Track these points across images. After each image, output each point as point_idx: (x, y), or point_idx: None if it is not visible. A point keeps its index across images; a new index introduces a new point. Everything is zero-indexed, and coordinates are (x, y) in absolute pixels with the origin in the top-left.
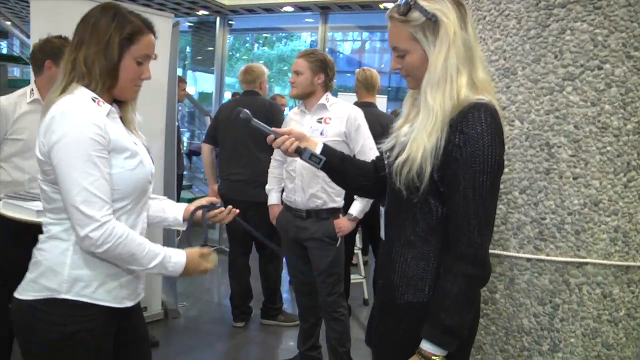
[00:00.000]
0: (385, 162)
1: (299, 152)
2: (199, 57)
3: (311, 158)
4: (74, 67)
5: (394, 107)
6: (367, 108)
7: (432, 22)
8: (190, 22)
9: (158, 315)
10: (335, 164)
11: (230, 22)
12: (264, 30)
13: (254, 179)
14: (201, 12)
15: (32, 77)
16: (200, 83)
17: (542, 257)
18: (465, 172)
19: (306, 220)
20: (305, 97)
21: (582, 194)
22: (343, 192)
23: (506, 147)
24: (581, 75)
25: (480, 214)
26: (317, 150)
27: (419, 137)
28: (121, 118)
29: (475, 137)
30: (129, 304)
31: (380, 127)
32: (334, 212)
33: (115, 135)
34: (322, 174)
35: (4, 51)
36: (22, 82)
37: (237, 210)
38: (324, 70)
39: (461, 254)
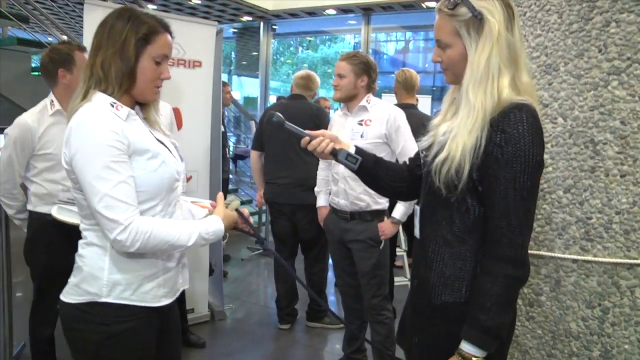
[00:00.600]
0: (422, 160)
1: (334, 154)
2: (244, 62)
3: (347, 159)
4: (92, 73)
5: (438, 107)
6: (407, 109)
7: (478, 20)
8: (234, 28)
9: (205, 317)
10: (369, 166)
11: (273, 26)
12: (308, 33)
13: (301, 182)
14: (245, 18)
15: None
16: (245, 88)
17: (589, 258)
18: (506, 171)
19: (350, 222)
20: (349, 100)
21: (630, 192)
22: None
23: (549, 145)
24: (628, 69)
25: (520, 214)
26: (351, 148)
27: (459, 134)
28: (145, 119)
29: (517, 137)
30: (166, 302)
31: (423, 128)
32: (378, 214)
33: (135, 137)
34: None
35: None
36: None
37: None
38: (367, 73)
39: (502, 255)
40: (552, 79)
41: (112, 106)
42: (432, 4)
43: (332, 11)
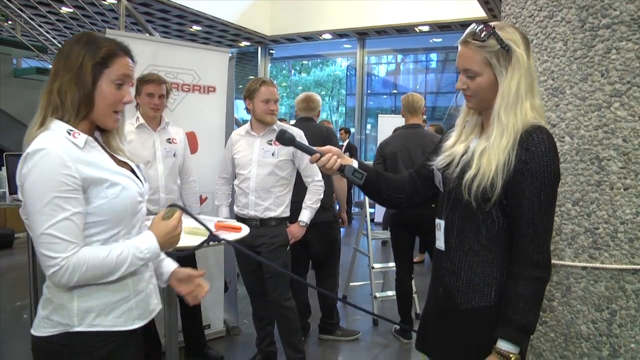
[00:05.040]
0: (442, 179)
1: (341, 170)
2: (240, 86)
3: (354, 174)
4: (49, 101)
5: (429, 125)
6: (413, 129)
7: (505, 51)
8: (232, 53)
9: (220, 332)
10: (372, 179)
11: (271, 51)
12: (304, 57)
13: None
14: (243, 44)
15: None
16: (240, 110)
17: (597, 265)
18: (532, 185)
19: (260, 229)
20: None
21: (633, 203)
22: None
23: None
24: (628, 92)
25: (545, 222)
26: (354, 165)
27: (492, 153)
28: (106, 145)
29: (540, 155)
30: (140, 324)
31: (432, 144)
32: (283, 220)
33: (90, 169)
34: (275, 190)
35: None
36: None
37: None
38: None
39: (530, 260)
40: (559, 101)
41: (69, 134)
42: (425, 28)
43: (328, 36)
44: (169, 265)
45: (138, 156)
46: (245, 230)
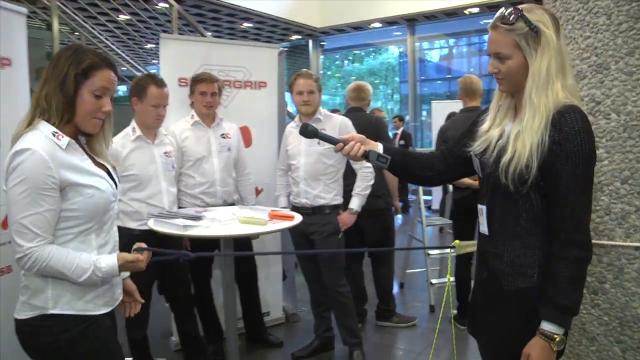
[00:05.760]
0: (480, 164)
1: (366, 156)
2: None
3: (378, 159)
4: (37, 104)
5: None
6: (473, 112)
7: (534, 33)
8: (284, 46)
9: (280, 319)
10: (399, 161)
11: (322, 43)
12: (354, 47)
13: None
14: (294, 37)
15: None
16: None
17: None
18: (567, 165)
19: (312, 217)
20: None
21: None
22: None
23: (604, 140)
24: None
25: (582, 201)
26: (379, 148)
27: (525, 134)
28: (88, 147)
29: (573, 134)
30: (105, 310)
31: None
32: (335, 208)
33: (68, 171)
34: (324, 177)
35: None
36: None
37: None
38: (321, 89)
39: (570, 240)
40: (603, 77)
41: (54, 135)
42: (475, 10)
43: (377, 24)
44: (123, 274)
45: (193, 152)
46: (297, 218)
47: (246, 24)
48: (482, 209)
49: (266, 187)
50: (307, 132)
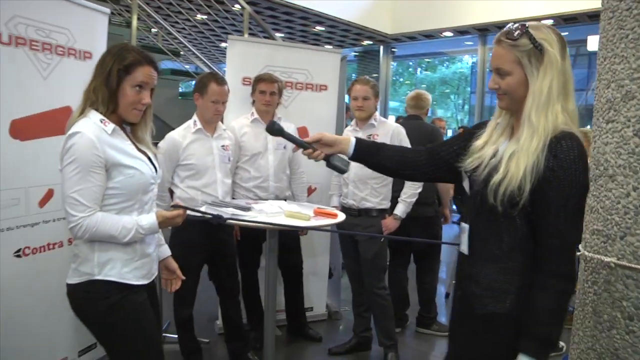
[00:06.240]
0: (470, 181)
1: (327, 159)
2: None
3: (338, 163)
4: (88, 96)
5: None
6: None
7: (538, 50)
8: (356, 51)
9: (322, 315)
10: (370, 157)
11: (393, 49)
12: (425, 55)
13: None
14: (366, 42)
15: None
16: None
17: None
18: (558, 194)
19: (358, 218)
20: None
21: None
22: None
23: None
24: None
25: (570, 233)
26: (351, 146)
27: (521, 155)
28: (133, 135)
29: (568, 163)
30: (143, 282)
31: None
32: (381, 212)
33: (114, 153)
34: (372, 181)
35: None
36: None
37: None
38: (377, 96)
39: (554, 271)
40: None
41: (101, 122)
42: (549, 22)
43: (448, 33)
44: (165, 252)
45: (250, 147)
46: (340, 217)
47: (319, 28)
48: (465, 227)
49: (319, 186)
50: (273, 130)
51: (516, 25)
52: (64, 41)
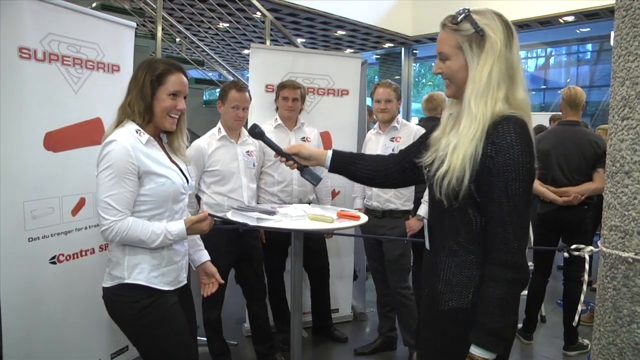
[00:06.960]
0: (425, 175)
1: (300, 170)
2: None
3: (310, 176)
4: (123, 111)
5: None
6: (572, 127)
7: (480, 36)
8: (377, 54)
9: (348, 317)
10: (341, 169)
11: (414, 51)
12: None
13: None
14: (387, 45)
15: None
16: None
17: None
18: (498, 181)
19: (382, 219)
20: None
21: None
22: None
23: None
24: None
25: (515, 220)
26: (327, 159)
27: (460, 144)
28: (169, 145)
29: (505, 147)
30: (169, 288)
31: (589, 144)
32: (404, 213)
33: (147, 161)
34: None
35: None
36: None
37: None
38: (400, 99)
39: (500, 260)
40: None
41: (137, 132)
42: (570, 18)
43: None
44: (204, 256)
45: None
46: (363, 219)
47: (340, 32)
48: (425, 223)
49: (343, 190)
50: (255, 133)
51: (461, 9)
52: (94, 56)
